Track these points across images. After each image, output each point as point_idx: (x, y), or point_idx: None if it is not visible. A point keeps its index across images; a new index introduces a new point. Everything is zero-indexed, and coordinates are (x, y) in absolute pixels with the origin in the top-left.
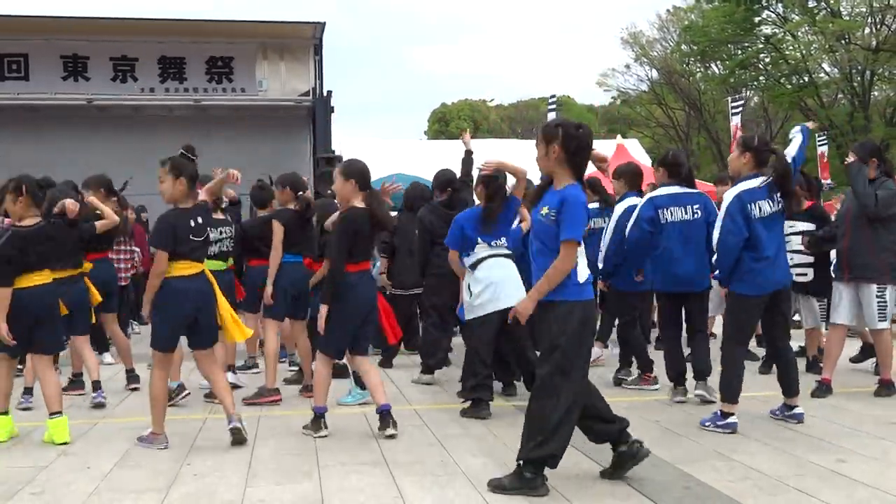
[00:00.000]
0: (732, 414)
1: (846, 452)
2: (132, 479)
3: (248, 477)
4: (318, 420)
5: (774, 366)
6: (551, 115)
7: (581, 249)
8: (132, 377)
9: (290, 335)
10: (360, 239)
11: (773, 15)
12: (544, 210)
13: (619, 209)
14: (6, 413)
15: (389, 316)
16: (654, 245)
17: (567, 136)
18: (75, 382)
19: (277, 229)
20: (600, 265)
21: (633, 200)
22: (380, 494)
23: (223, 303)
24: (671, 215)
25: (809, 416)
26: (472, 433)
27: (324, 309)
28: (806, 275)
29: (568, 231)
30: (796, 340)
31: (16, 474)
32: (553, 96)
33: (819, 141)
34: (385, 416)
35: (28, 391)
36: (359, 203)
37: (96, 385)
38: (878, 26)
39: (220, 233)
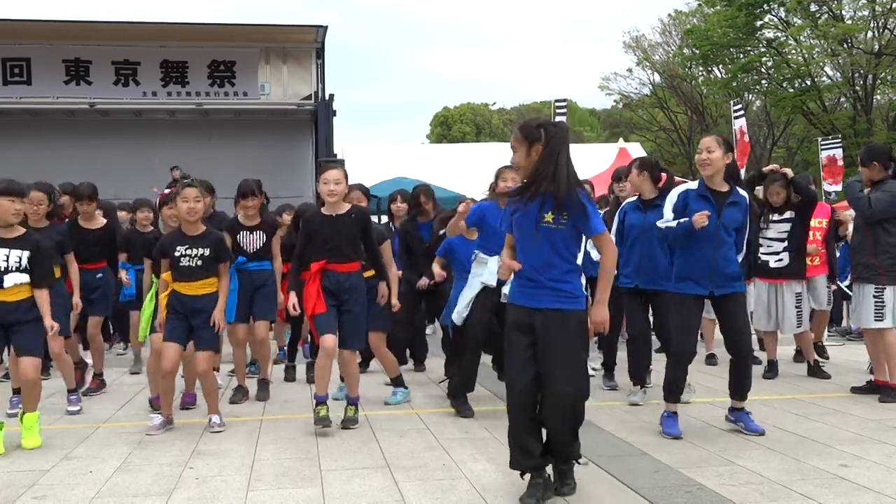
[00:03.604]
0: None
1: (849, 457)
2: (134, 484)
3: (251, 481)
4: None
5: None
6: (559, 119)
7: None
8: None
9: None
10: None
11: (775, 19)
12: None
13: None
14: None
15: None
16: None
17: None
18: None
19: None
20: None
21: None
22: (382, 499)
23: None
24: None
25: (812, 420)
26: (474, 437)
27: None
28: (782, 259)
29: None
30: (790, 345)
31: (18, 479)
32: (563, 100)
33: (823, 145)
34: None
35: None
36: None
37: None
38: (881, 30)
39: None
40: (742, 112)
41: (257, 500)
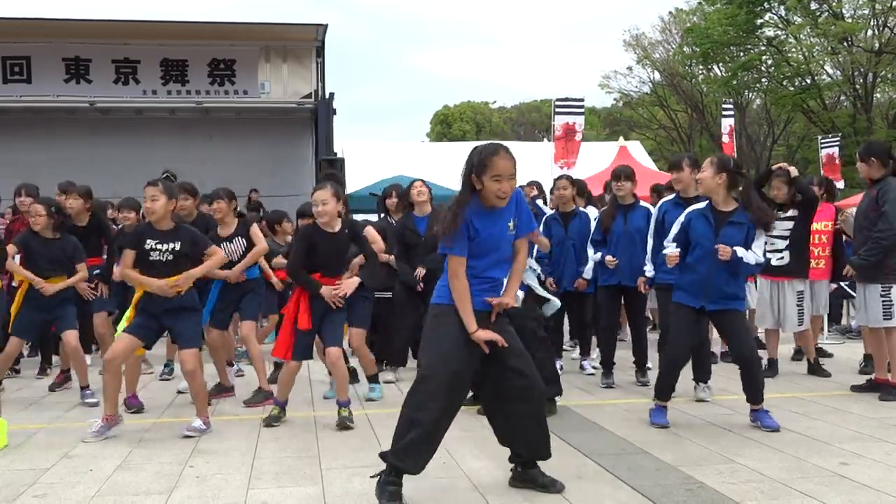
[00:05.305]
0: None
1: (849, 455)
2: (134, 482)
3: (251, 479)
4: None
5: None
6: (571, 119)
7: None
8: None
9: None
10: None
11: (776, 17)
12: None
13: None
14: None
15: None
16: None
17: None
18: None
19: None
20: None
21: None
22: None
23: None
24: None
25: (812, 419)
26: (473, 435)
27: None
28: (783, 258)
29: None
30: (789, 344)
31: (18, 477)
32: (578, 99)
33: (823, 143)
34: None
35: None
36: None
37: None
38: (881, 28)
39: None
40: (731, 112)
41: (258, 498)
